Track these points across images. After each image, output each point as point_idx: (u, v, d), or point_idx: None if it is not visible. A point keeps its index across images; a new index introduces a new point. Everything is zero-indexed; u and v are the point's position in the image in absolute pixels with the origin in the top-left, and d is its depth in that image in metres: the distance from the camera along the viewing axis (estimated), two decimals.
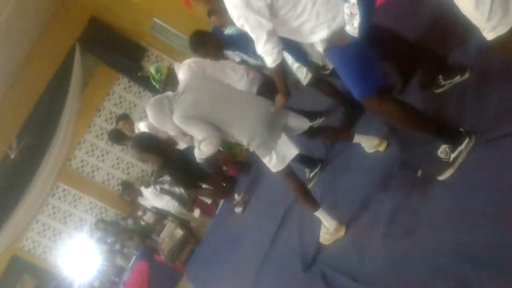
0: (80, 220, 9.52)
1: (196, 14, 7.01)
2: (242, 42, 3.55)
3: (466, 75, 2.71)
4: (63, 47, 8.67)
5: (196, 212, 6.78)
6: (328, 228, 3.03)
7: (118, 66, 9.24)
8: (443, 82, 2.81)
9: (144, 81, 8.30)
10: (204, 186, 5.81)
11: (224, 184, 6.02)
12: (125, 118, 6.23)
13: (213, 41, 3.66)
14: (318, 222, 3.11)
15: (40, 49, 8.45)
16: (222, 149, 7.11)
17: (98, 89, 9.34)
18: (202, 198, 6.32)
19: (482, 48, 2.53)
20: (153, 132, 5.67)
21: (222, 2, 2.45)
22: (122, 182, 8.83)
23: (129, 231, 8.97)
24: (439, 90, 2.87)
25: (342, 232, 3.02)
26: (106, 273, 7.61)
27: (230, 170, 6.84)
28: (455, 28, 2.87)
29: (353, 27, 2.12)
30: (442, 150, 2.41)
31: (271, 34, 2.38)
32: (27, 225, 9.17)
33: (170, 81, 4.27)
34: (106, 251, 8.22)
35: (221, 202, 6.19)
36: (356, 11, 2.06)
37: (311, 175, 3.92)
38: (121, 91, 9.68)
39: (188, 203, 6.66)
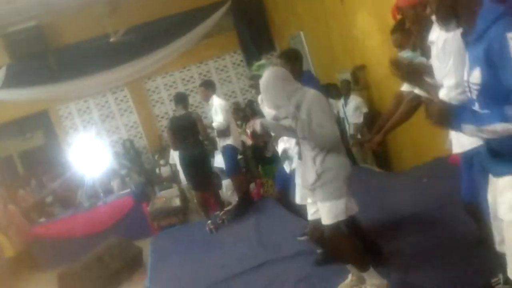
0: (117, 128, 9.82)
1: (335, 54, 7.11)
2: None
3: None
4: None
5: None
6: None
7: (244, 43, 9.56)
8: None
9: None
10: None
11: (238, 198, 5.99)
12: (210, 85, 6.10)
13: (300, 66, 3.71)
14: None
15: None
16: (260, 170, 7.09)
17: (213, 47, 9.66)
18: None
19: None
20: (220, 114, 5.64)
21: (425, 28, 2.43)
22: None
23: (143, 168, 9.17)
24: None
25: None
26: (98, 184, 7.76)
27: (256, 191, 6.78)
28: None
29: None
30: None
31: None
32: (76, 98, 9.55)
33: None
34: (112, 168, 8.39)
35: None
36: None
37: None
38: (229, 63, 10.00)
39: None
